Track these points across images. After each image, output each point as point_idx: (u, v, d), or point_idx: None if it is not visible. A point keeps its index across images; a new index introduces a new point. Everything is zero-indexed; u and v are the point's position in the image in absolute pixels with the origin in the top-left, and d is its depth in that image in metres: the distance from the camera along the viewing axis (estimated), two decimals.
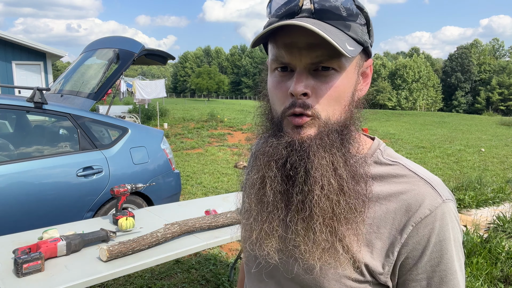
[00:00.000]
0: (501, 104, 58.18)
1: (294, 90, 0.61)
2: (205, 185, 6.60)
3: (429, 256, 0.64)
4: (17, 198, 2.88)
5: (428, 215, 0.64)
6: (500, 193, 5.97)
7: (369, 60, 0.69)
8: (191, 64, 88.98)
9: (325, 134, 0.63)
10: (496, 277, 3.28)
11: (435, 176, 0.70)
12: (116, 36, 4.43)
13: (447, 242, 0.65)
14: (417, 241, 0.64)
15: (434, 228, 0.64)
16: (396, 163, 0.70)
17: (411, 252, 0.65)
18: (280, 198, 0.65)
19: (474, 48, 65.46)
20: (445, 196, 0.66)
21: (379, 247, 0.65)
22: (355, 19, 0.62)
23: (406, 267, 0.66)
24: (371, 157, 0.70)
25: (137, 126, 3.85)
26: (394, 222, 0.65)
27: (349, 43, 0.60)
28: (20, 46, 14.08)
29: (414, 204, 0.65)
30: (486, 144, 13.40)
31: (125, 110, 16.27)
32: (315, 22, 0.59)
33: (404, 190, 0.66)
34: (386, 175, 0.68)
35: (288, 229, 0.65)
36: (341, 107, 0.64)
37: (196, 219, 2.30)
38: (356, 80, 0.66)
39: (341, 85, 0.63)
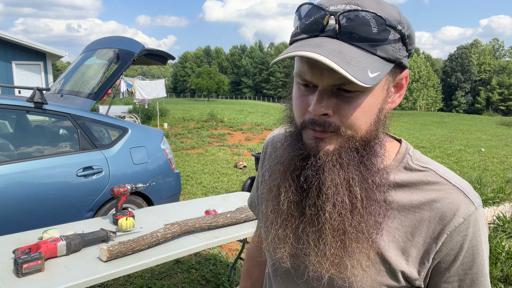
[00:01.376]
0: (501, 104, 58.18)
1: (314, 111, 0.59)
2: (205, 185, 6.59)
3: (461, 260, 0.66)
4: (17, 198, 2.88)
5: (462, 223, 0.65)
6: (500, 193, 5.97)
7: (405, 71, 0.65)
8: (191, 64, 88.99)
9: (344, 150, 0.61)
10: (496, 277, 3.28)
11: (465, 181, 0.70)
12: (116, 36, 4.43)
13: (479, 247, 0.67)
14: (451, 247, 0.66)
15: (467, 234, 0.65)
16: (427, 169, 0.69)
17: (444, 257, 0.66)
18: (294, 207, 0.65)
19: (474, 48, 65.47)
20: (477, 203, 0.67)
21: (414, 255, 0.66)
22: (387, 36, 0.58)
23: (439, 270, 0.67)
24: (401, 163, 0.69)
25: (137, 126, 3.85)
26: (429, 230, 0.66)
27: (373, 69, 0.56)
28: (20, 46, 14.08)
29: (448, 213, 0.65)
30: (486, 144, 13.40)
31: (125, 110, 16.27)
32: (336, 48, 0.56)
33: (437, 198, 0.66)
34: (418, 182, 0.67)
35: (300, 239, 0.65)
36: (366, 125, 0.62)
37: (196, 219, 2.30)
38: (385, 96, 0.63)
39: (366, 105, 0.60)
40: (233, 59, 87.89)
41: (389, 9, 0.60)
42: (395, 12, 0.60)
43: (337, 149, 0.61)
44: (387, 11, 0.59)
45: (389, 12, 0.59)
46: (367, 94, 0.59)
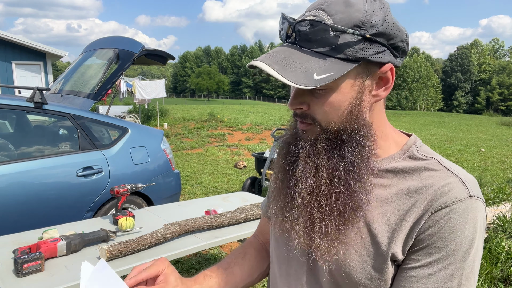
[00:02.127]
0: (501, 104, 58.17)
1: (290, 106, 0.70)
2: (205, 185, 6.59)
3: (436, 244, 0.64)
4: (17, 198, 2.88)
5: (449, 205, 0.65)
6: (500, 193, 5.97)
7: (386, 65, 0.67)
8: (191, 64, 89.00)
9: (319, 140, 0.69)
10: (496, 277, 3.28)
11: (469, 174, 0.70)
12: (116, 36, 4.43)
13: (463, 237, 0.64)
14: (429, 225, 0.65)
15: (451, 218, 0.64)
16: (431, 158, 0.72)
17: (422, 236, 0.66)
18: (280, 185, 0.74)
19: (474, 48, 65.48)
20: (475, 193, 0.66)
21: (402, 235, 0.67)
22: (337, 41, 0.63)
23: (413, 248, 0.67)
24: (406, 152, 0.73)
25: (137, 126, 3.85)
26: (418, 210, 0.67)
27: (321, 71, 0.62)
28: (20, 46, 14.08)
29: (439, 194, 0.66)
30: (486, 144, 13.40)
31: (125, 110, 16.27)
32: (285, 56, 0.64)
33: (434, 183, 0.68)
34: (419, 169, 0.70)
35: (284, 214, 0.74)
36: (338, 118, 0.68)
37: (196, 219, 2.30)
38: (357, 92, 0.68)
39: (334, 101, 0.67)
40: (233, 59, 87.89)
41: (353, 11, 0.63)
42: (360, 14, 0.63)
43: (313, 138, 0.69)
44: (350, 13, 0.63)
45: (352, 14, 0.63)
46: (334, 91, 0.66)
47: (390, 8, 0.68)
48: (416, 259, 0.66)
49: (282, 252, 0.83)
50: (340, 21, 0.63)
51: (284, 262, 0.83)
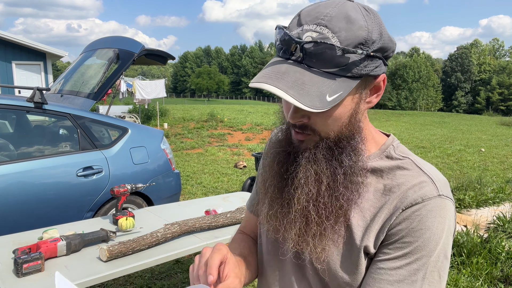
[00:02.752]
0: (501, 104, 58.15)
1: (291, 119, 0.70)
2: (205, 185, 6.59)
3: (405, 239, 0.68)
4: (17, 198, 2.88)
5: (419, 203, 0.68)
6: (500, 193, 5.97)
7: (380, 76, 0.71)
8: (191, 64, 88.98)
9: (319, 149, 0.71)
10: (496, 277, 3.28)
11: (441, 175, 0.74)
12: (116, 36, 4.43)
13: (428, 233, 0.67)
14: (399, 221, 0.69)
15: (420, 215, 0.68)
16: (406, 158, 0.76)
17: (392, 231, 0.69)
18: (277, 192, 0.76)
19: (474, 48, 65.47)
20: (444, 193, 0.70)
21: (374, 230, 0.71)
22: (347, 60, 0.64)
23: (384, 243, 0.71)
24: (384, 152, 0.77)
25: (137, 126, 3.85)
26: (390, 207, 0.70)
27: (332, 92, 0.63)
28: (20, 46, 14.08)
29: (410, 192, 0.70)
30: (486, 144, 13.40)
31: (125, 110, 16.27)
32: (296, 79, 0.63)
33: (406, 181, 0.71)
34: (395, 168, 0.74)
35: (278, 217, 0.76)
36: (339, 127, 0.70)
37: (196, 219, 2.30)
38: (357, 103, 0.70)
39: (336, 114, 0.68)
40: (233, 59, 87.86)
41: (356, 29, 0.64)
42: (362, 31, 0.64)
43: (313, 148, 0.71)
44: (354, 31, 0.64)
45: (356, 33, 0.64)
46: (337, 105, 0.68)
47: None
48: (386, 252, 0.70)
49: (275, 255, 0.84)
50: (345, 40, 0.63)
51: (276, 264, 0.85)
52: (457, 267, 3.48)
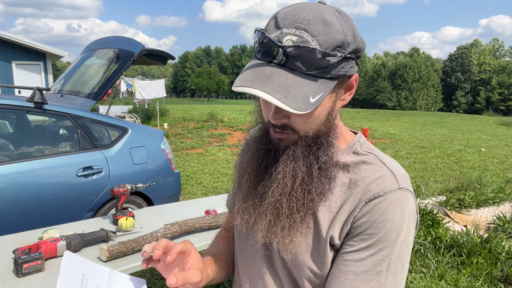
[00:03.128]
0: (501, 104, 58.14)
1: (272, 120, 0.72)
2: (205, 185, 6.59)
3: (368, 231, 0.71)
4: (17, 198, 2.88)
5: (380, 196, 0.72)
6: (500, 193, 5.97)
7: (354, 75, 0.75)
8: (191, 64, 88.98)
9: (298, 147, 0.74)
10: (496, 277, 3.28)
11: (402, 170, 0.78)
12: (116, 36, 4.43)
13: (389, 225, 0.70)
14: (362, 214, 0.72)
15: (381, 207, 0.71)
16: (371, 153, 0.79)
17: (356, 223, 0.72)
18: (251, 187, 0.79)
19: (474, 48, 65.46)
20: (404, 186, 0.73)
21: (340, 222, 0.74)
22: (327, 63, 0.67)
23: (349, 235, 0.73)
24: (351, 148, 0.81)
25: (137, 126, 3.85)
26: (355, 200, 0.74)
27: (314, 93, 0.66)
28: (20, 46, 14.08)
29: (373, 185, 0.73)
30: (486, 144, 13.40)
31: (125, 110, 16.27)
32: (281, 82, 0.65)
33: (369, 175, 0.75)
34: (360, 162, 0.78)
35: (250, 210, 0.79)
36: (317, 125, 0.74)
37: (196, 219, 2.30)
38: (333, 102, 0.74)
39: (315, 114, 0.72)
40: (233, 59, 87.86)
41: (334, 32, 0.67)
42: (339, 34, 0.67)
43: (293, 146, 0.75)
44: (332, 35, 0.66)
45: (334, 36, 0.67)
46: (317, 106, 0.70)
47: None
48: (351, 244, 0.72)
49: (245, 246, 0.88)
50: (324, 43, 0.66)
51: (247, 255, 0.88)
52: (457, 267, 3.48)
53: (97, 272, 0.76)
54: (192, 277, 0.74)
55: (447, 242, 3.79)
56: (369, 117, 25.07)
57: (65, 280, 0.71)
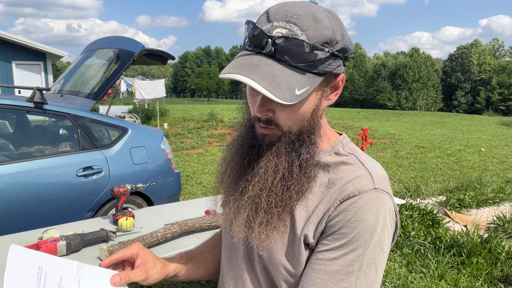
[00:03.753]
0: (501, 104, 58.13)
1: (257, 113, 0.73)
2: (205, 185, 6.60)
3: (342, 230, 0.70)
4: (17, 198, 2.88)
5: (355, 195, 0.71)
6: (500, 193, 5.97)
7: (340, 76, 0.76)
8: (191, 64, 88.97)
9: (281, 143, 0.75)
10: (496, 277, 3.28)
11: (382, 172, 0.78)
12: (116, 36, 4.43)
13: (363, 225, 0.69)
14: (337, 213, 0.71)
15: (355, 207, 0.70)
16: (352, 154, 0.79)
17: (330, 222, 0.72)
18: (233, 181, 0.80)
19: (474, 48, 65.44)
20: (380, 187, 0.73)
21: (315, 221, 0.74)
22: (315, 57, 0.68)
23: (323, 234, 0.73)
24: (333, 149, 0.81)
25: (137, 126, 3.85)
26: (331, 199, 0.73)
27: (300, 86, 0.67)
28: (20, 46, 14.08)
29: (349, 185, 0.73)
30: (486, 144, 13.40)
31: (125, 110, 16.26)
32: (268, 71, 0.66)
33: (347, 175, 0.75)
34: (340, 163, 0.78)
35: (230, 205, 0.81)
36: (302, 122, 0.74)
37: (196, 219, 2.30)
38: (319, 99, 0.75)
39: (300, 110, 0.72)
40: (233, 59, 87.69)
41: (323, 29, 0.68)
42: (328, 31, 0.69)
43: (276, 142, 0.75)
44: (321, 31, 0.68)
45: (322, 32, 0.68)
46: (301, 102, 0.72)
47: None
48: (324, 243, 0.72)
49: (226, 243, 0.91)
50: (313, 38, 0.67)
51: (228, 250, 0.90)
52: (457, 267, 3.48)
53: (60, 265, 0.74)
54: (134, 276, 0.82)
55: (447, 242, 3.79)
56: (369, 117, 25.07)
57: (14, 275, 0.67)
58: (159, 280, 0.89)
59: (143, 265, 0.85)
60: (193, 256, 1.00)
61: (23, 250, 0.71)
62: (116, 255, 0.82)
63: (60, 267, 0.74)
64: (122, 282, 0.78)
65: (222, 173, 0.85)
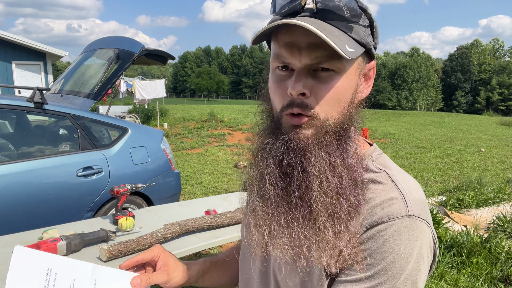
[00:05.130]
0: (501, 104, 58.13)
1: (292, 90, 0.62)
2: (205, 185, 6.60)
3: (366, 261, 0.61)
4: (17, 198, 2.88)
5: (385, 222, 0.62)
6: (500, 193, 5.97)
7: (372, 62, 0.69)
8: (191, 64, 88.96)
9: (322, 134, 0.63)
10: (496, 277, 3.28)
11: (419, 194, 0.67)
12: (116, 36, 4.44)
13: (392, 257, 0.60)
14: (362, 241, 0.62)
15: (384, 236, 0.61)
16: (382, 171, 0.68)
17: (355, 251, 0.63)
18: (281, 194, 0.64)
19: (474, 48, 65.45)
20: (415, 213, 0.62)
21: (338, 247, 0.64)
22: (358, 20, 0.63)
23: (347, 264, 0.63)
24: None
25: (137, 126, 3.85)
26: (356, 224, 0.64)
27: (349, 45, 0.60)
28: (20, 46, 14.08)
29: (378, 209, 0.63)
30: (486, 144, 13.40)
31: (125, 110, 16.26)
32: (316, 22, 0.60)
33: (376, 197, 0.65)
34: (369, 181, 0.67)
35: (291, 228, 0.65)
36: (340, 108, 0.64)
37: (196, 219, 2.30)
38: (357, 82, 0.67)
39: (340, 87, 0.63)
40: (233, 59, 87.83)
41: (355, 3, 0.63)
42: (360, 4, 0.64)
43: (316, 133, 0.63)
44: (355, 3, 0.63)
45: (356, 5, 0.63)
46: (341, 75, 0.63)
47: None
48: (347, 273, 0.63)
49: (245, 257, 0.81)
50: (349, 3, 0.62)
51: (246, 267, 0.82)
52: (457, 267, 3.48)
53: (72, 267, 0.71)
54: (156, 278, 0.78)
55: (447, 242, 3.78)
56: (369, 117, 24.86)
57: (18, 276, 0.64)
58: (181, 284, 0.84)
59: (165, 267, 0.81)
60: (217, 261, 0.93)
61: (29, 251, 0.69)
62: (137, 257, 0.78)
63: (72, 268, 0.71)
64: (143, 284, 0.75)
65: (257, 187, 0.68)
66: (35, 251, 0.70)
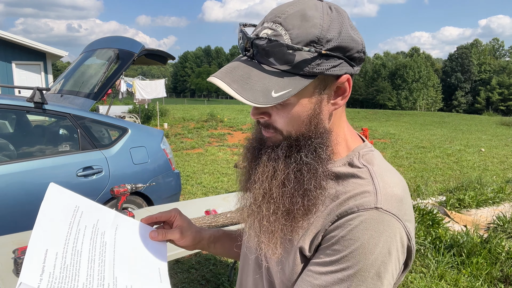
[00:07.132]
0: (501, 104, 58.13)
1: (251, 116, 0.73)
2: (205, 185, 6.60)
3: (334, 246, 0.66)
4: (17, 198, 2.88)
5: (354, 212, 0.66)
6: (500, 193, 5.97)
7: (342, 77, 0.69)
8: (191, 64, 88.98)
9: (280, 147, 0.72)
10: (496, 277, 3.28)
11: (396, 190, 0.69)
12: (116, 36, 4.43)
13: (356, 245, 0.64)
14: (333, 228, 0.67)
15: (351, 224, 0.65)
16: (365, 167, 0.72)
17: (326, 237, 0.69)
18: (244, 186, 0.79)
19: (474, 48, 65.43)
20: (383, 206, 0.66)
21: (312, 233, 0.71)
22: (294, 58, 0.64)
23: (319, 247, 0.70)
24: (348, 158, 0.75)
25: (137, 126, 3.85)
26: (330, 213, 0.69)
27: (278, 88, 0.64)
28: (20, 46, 14.08)
29: (350, 201, 0.68)
30: (486, 144, 13.40)
31: (125, 110, 16.27)
32: (243, 74, 0.66)
33: (352, 190, 0.69)
34: (350, 175, 0.72)
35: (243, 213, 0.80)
36: (300, 125, 0.70)
37: (196, 219, 2.30)
38: (319, 100, 0.70)
39: (294, 113, 0.69)
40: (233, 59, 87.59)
41: (309, 27, 0.64)
42: (315, 29, 0.64)
43: (275, 145, 0.73)
44: (306, 29, 0.64)
45: (308, 30, 0.64)
46: (293, 104, 0.68)
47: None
48: (318, 256, 0.69)
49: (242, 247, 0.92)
50: (296, 38, 0.64)
51: (243, 256, 0.91)
52: (457, 267, 3.48)
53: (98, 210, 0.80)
54: (170, 235, 0.90)
55: (447, 242, 3.79)
56: (369, 117, 25.07)
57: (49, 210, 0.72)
58: (193, 243, 0.95)
59: (180, 226, 0.92)
60: (231, 233, 1.03)
61: (62, 190, 0.77)
62: (156, 215, 0.91)
63: (98, 211, 0.80)
64: (160, 238, 0.87)
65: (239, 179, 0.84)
66: (67, 190, 0.78)
